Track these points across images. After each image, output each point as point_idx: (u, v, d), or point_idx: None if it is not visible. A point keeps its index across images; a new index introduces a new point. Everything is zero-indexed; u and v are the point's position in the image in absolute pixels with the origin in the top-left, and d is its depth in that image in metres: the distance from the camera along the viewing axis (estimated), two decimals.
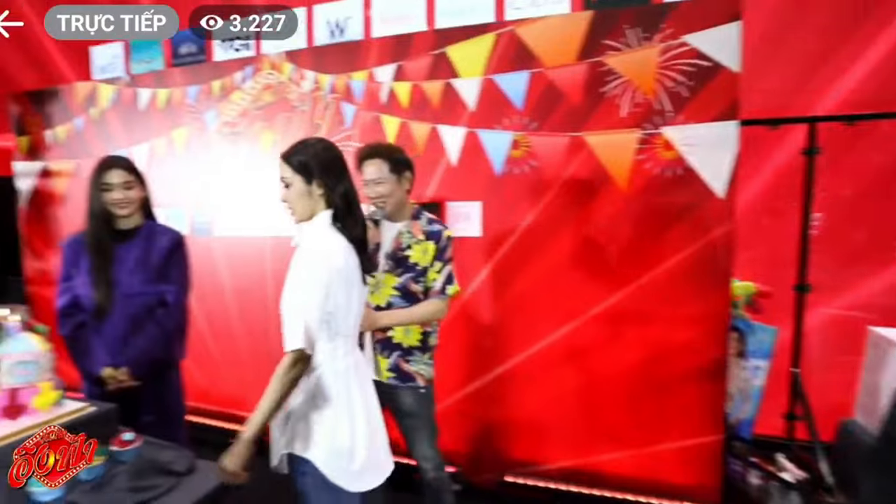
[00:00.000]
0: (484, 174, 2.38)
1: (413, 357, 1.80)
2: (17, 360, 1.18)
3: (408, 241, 1.77)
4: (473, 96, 2.36)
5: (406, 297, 1.77)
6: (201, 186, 3.04)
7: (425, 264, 1.75)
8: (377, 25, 3.40)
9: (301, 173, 1.33)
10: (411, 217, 1.81)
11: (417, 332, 1.80)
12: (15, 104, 3.66)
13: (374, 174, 1.72)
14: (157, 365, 1.81)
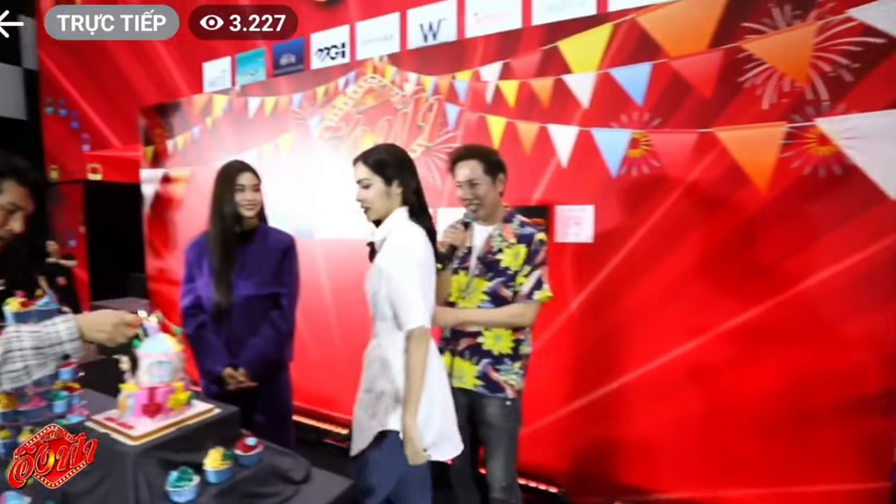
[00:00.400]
0: (597, 176, 2.21)
1: (503, 365, 1.71)
2: (156, 360, 1.20)
3: (499, 245, 1.71)
4: (587, 92, 2.20)
5: (496, 302, 1.70)
6: (304, 190, 3.12)
7: (517, 268, 1.68)
8: (472, 26, 3.36)
9: (380, 174, 1.44)
10: (503, 220, 1.74)
11: (509, 338, 1.71)
12: (143, 117, 4.00)
13: (469, 175, 1.68)
14: (271, 366, 1.83)
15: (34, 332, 1.02)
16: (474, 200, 1.69)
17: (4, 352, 0.98)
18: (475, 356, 1.72)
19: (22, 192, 1.16)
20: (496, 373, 1.71)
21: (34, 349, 1.00)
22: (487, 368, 1.71)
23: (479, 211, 1.69)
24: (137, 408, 1.19)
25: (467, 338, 1.73)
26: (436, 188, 2.59)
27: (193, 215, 3.74)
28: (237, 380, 1.77)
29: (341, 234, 2.98)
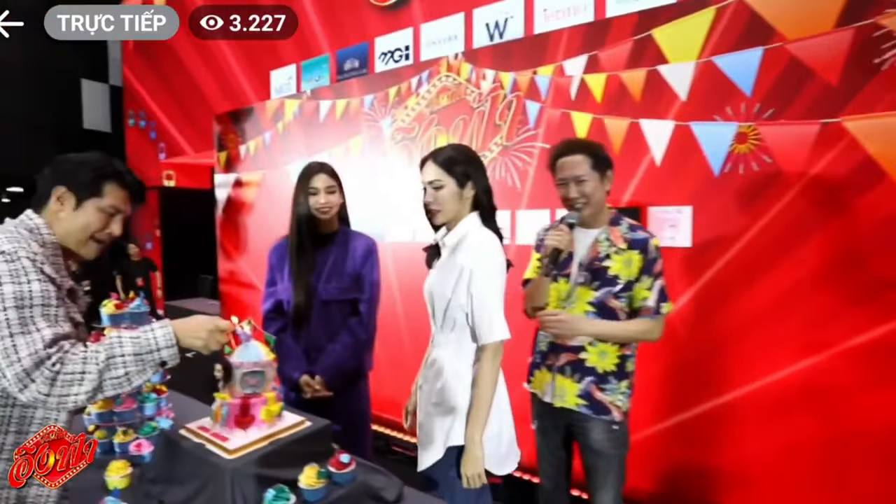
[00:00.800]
0: (697, 174, 2.02)
1: (609, 384, 1.54)
2: (249, 370, 1.15)
3: (606, 251, 1.52)
4: (686, 84, 2.01)
5: (603, 314, 1.52)
6: (375, 192, 3.08)
7: (628, 278, 1.50)
8: (540, 23, 3.23)
9: (453, 174, 1.38)
10: (609, 223, 1.56)
11: (615, 354, 1.54)
12: (217, 123, 4.12)
13: (576, 171, 1.50)
14: (348, 375, 1.76)
15: (134, 337, 1.00)
16: (580, 199, 1.51)
17: (107, 357, 0.96)
18: (577, 373, 1.56)
19: (122, 196, 1.16)
20: (601, 392, 1.54)
21: (134, 355, 0.98)
22: (591, 387, 1.54)
23: (585, 211, 1.52)
24: (231, 419, 1.14)
25: (568, 353, 1.57)
26: (514, 189, 2.47)
27: (264, 218, 3.81)
28: (313, 388, 1.72)
29: (412, 236, 2.91)
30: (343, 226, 1.88)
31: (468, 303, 1.35)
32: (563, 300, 1.56)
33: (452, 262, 1.40)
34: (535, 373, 1.66)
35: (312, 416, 1.28)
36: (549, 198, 2.39)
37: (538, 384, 1.64)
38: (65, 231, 1.10)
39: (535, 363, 1.67)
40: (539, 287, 1.56)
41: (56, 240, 1.09)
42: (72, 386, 0.93)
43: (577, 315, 1.53)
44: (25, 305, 0.94)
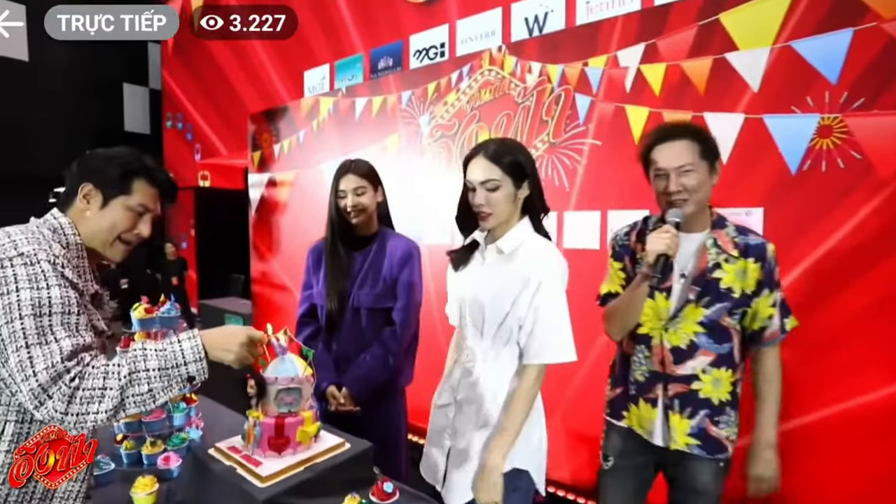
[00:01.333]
0: (769, 172, 1.82)
1: (723, 417, 1.31)
2: (284, 386, 1.04)
3: (716, 259, 1.28)
4: (758, 72, 1.82)
5: (715, 335, 1.29)
6: (412, 192, 2.96)
7: (744, 291, 1.27)
8: (582, 16, 3.05)
9: (512, 175, 1.23)
10: (712, 225, 1.32)
11: (729, 380, 1.31)
12: (252, 123, 4.09)
13: (681, 159, 1.24)
14: (378, 389, 1.64)
15: (159, 350, 0.91)
16: (682, 194, 1.25)
17: (130, 372, 0.87)
18: (688, 407, 1.31)
19: (152, 194, 1.09)
20: (715, 427, 1.31)
21: (159, 370, 0.89)
22: (705, 423, 1.31)
23: (688, 209, 1.26)
24: (264, 440, 1.03)
25: (678, 383, 1.32)
26: (562, 190, 2.31)
27: (297, 219, 3.74)
28: (338, 401, 1.61)
29: (450, 239, 2.78)
30: (384, 227, 1.76)
31: (528, 316, 1.21)
32: (664, 320, 1.32)
33: (509, 271, 1.25)
34: (631, 407, 1.40)
35: (352, 438, 1.16)
36: (600, 198, 2.23)
37: (638, 421, 1.39)
38: (90, 231, 1.03)
39: (630, 395, 1.40)
40: (634, 303, 1.31)
41: (81, 241, 1.02)
42: (91, 403, 0.84)
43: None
44: (44, 314, 0.86)
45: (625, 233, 1.45)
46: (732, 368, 1.31)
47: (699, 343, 1.30)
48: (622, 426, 1.42)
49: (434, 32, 4.26)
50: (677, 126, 1.33)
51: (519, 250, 1.26)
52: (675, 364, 1.32)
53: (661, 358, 1.33)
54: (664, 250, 1.19)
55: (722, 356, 1.30)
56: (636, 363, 1.39)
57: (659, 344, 1.33)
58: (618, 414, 1.44)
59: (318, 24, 5.20)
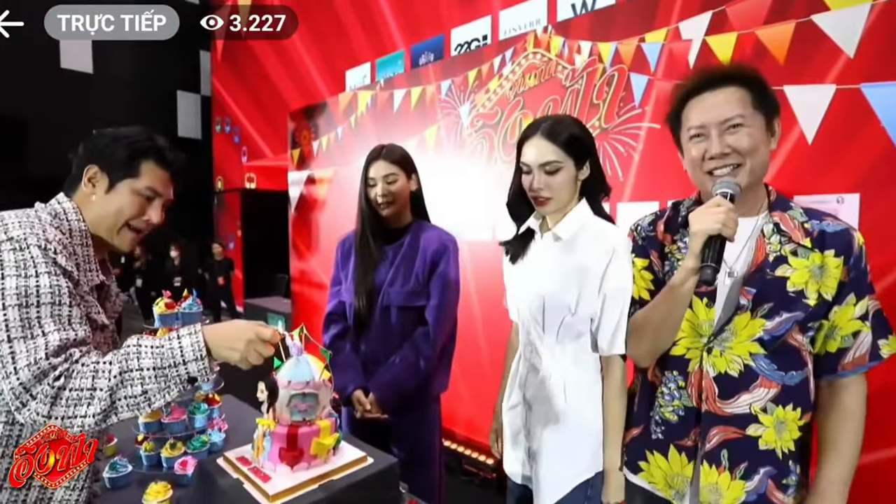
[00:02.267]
0: (868, 151, 1.55)
1: (790, 475, 0.94)
2: (298, 391, 0.90)
3: (778, 250, 0.94)
4: (855, 35, 1.55)
5: (781, 359, 0.93)
6: (452, 186, 2.81)
7: (823, 295, 0.92)
8: None
9: (573, 155, 1.11)
10: (771, 207, 0.98)
11: (796, 424, 0.94)
12: (291, 121, 4.07)
13: (727, 111, 0.92)
14: (407, 396, 1.49)
15: (155, 347, 0.82)
16: (730, 157, 0.92)
17: (121, 371, 0.78)
18: (742, 462, 0.95)
19: (162, 177, 0.99)
20: (781, 492, 0.94)
21: (154, 369, 0.79)
22: (767, 485, 0.94)
23: (740, 177, 0.93)
24: (274, 451, 0.90)
25: (723, 426, 0.95)
26: (615, 179, 2.10)
27: (335, 216, 3.67)
28: (364, 407, 1.47)
29: (491, 235, 2.61)
30: (418, 218, 1.62)
31: (598, 305, 1.09)
32: (704, 336, 0.98)
33: (570, 260, 1.12)
34: (654, 457, 1.05)
35: (376, 451, 1.01)
36: (659, 188, 2.00)
37: (662, 476, 1.03)
38: (96, 217, 0.95)
39: (653, 441, 1.05)
40: (673, 311, 0.96)
41: (85, 227, 0.94)
42: (78, 406, 0.76)
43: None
44: (31, 304, 0.78)
45: (649, 222, 1.13)
46: (804, 407, 0.94)
47: (757, 369, 0.93)
48: (637, 484, 1.08)
49: (476, 25, 4.13)
50: (719, 70, 0.98)
51: (579, 236, 1.14)
52: (721, 399, 0.95)
53: (701, 390, 0.97)
54: (717, 229, 0.86)
55: (789, 389, 0.93)
56: (664, 396, 1.03)
57: (698, 370, 0.98)
58: (633, 465, 1.09)
59: (360, 22, 5.18)
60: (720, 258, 0.87)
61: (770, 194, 1.00)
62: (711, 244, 0.87)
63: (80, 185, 0.95)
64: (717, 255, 0.87)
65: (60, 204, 0.94)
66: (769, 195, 1.00)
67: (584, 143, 1.13)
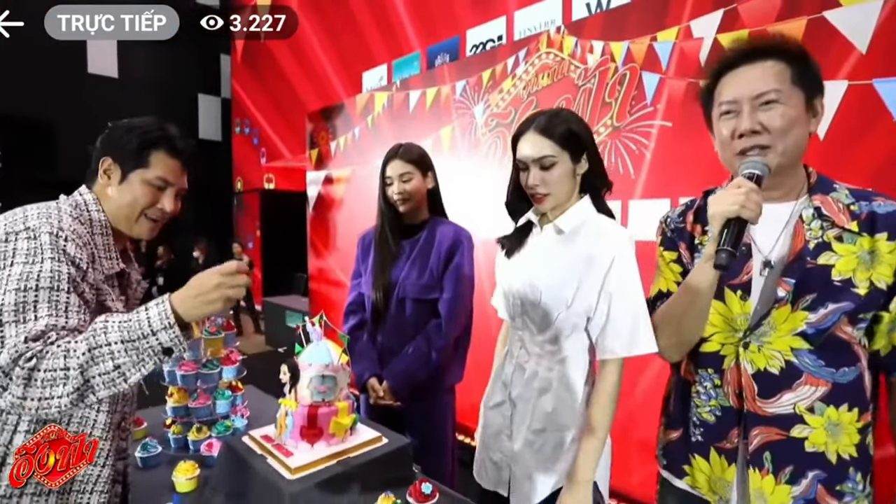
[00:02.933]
0: (880, 146, 1.56)
1: (847, 482, 0.87)
2: (317, 373, 0.96)
3: (820, 237, 0.87)
4: (867, 31, 1.56)
5: (828, 354, 0.87)
6: (467, 185, 2.86)
7: (875, 284, 0.84)
8: None
9: (569, 149, 1.07)
10: (810, 190, 0.91)
11: (854, 426, 0.87)
12: (309, 121, 4.16)
13: (761, 86, 0.86)
14: (420, 385, 1.54)
15: (123, 322, 0.78)
16: (759, 137, 0.86)
17: (90, 348, 0.75)
18: (788, 465, 0.89)
19: (173, 166, 1.00)
20: (835, 499, 0.87)
21: (122, 342, 0.76)
22: (817, 490, 0.87)
23: (772, 158, 0.86)
24: (295, 429, 0.95)
25: (765, 426, 0.90)
26: (627, 177, 2.12)
27: (352, 214, 3.75)
28: (378, 394, 1.54)
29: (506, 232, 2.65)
30: (434, 214, 1.67)
31: (600, 304, 1.05)
32: (740, 331, 0.92)
33: (571, 253, 1.09)
34: (696, 460, 0.99)
35: (391, 433, 1.07)
36: (670, 185, 2.02)
37: (703, 480, 0.98)
38: (113, 207, 0.98)
39: (694, 444, 0.99)
40: (695, 302, 0.92)
41: (105, 218, 0.98)
42: (54, 387, 0.74)
43: None
44: (28, 288, 0.79)
45: (679, 213, 1.07)
46: (860, 407, 0.86)
47: (801, 366, 0.87)
48: (681, 488, 1.03)
49: (491, 25, 4.17)
50: (758, 41, 0.90)
51: (580, 230, 1.09)
52: (761, 398, 0.89)
53: (739, 388, 0.92)
54: (735, 211, 0.81)
55: (840, 387, 0.86)
56: (700, 396, 0.98)
57: (734, 367, 0.93)
58: (677, 468, 1.03)
59: (376, 24, 5.26)
60: (738, 242, 0.82)
61: (811, 176, 0.93)
62: (730, 227, 0.82)
63: (97, 177, 0.99)
64: (735, 240, 0.81)
65: (82, 196, 0.98)
66: (809, 178, 0.93)
67: (579, 137, 1.08)
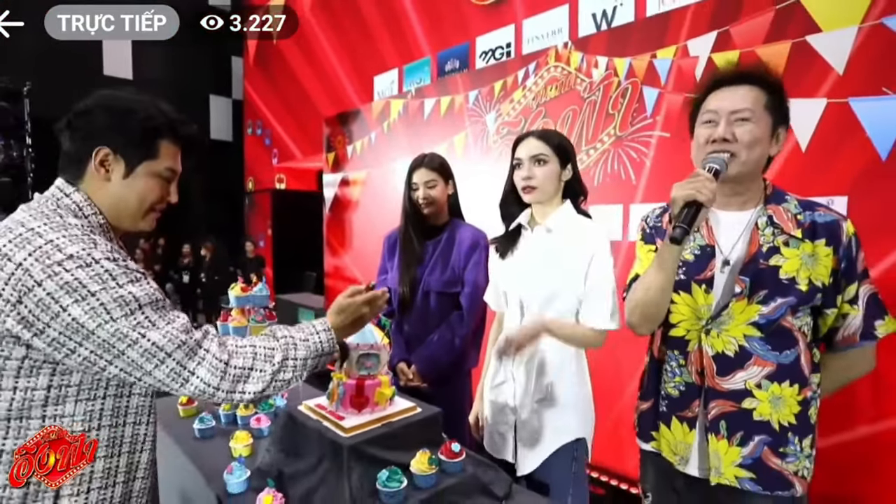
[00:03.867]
0: (855, 159, 1.73)
1: (789, 446, 1.05)
2: (364, 352, 1.15)
3: (771, 241, 1.04)
4: (843, 54, 1.73)
5: (776, 340, 1.04)
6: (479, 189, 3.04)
7: (814, 282, 1.02)
8: (653, 9, 2.99)
9: (559, 154, 1.34)
10: (766, 200, 1.08)
11: (794, 398, 1.04)
12: (327, 126, 4.35)
13: (740, 104, 1.03)
14: (444, 369, 1.73)
15: (303, 340, 0.91)
16: (729, 144, 1.03)
17: (283, 358, 0.87)
18: (738, 431, 1.06)
19: (175, 153, 0.94)
20: (778, 458, 1.04)
21: (305, 360, 0.90)
22: (763, 451, 1.05)
23: (733, 167, 1.03)
24: (346, 399, 1.14)
25: (723, 399, 1.07)
26: (628, 183, 2.30)
27: (368, 215, 3.94)
28: (406, 377, 1.72)
29: None
30: (454, 217, 1.87)
31: (587, 291, 1.30)
32: (703, 319, 1.09)
33: (559, 248, 1.33)
34: (662, 427, 1.18)
35: (422, 403, 1.25)
36: (668, 191, 2.17)
37: (667, 444, 1.17)
38: (114, 205, 0.88)
39: (660, 412, 1.18)
40: (657, 279, 1.07)
41: (104, 220, 0.87)
42: (246, 383, 0.83)
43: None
44: (134, 309, 0.78)
45: (657, 214, 1.25)
46: (799, 383, 1.04)
47: (752, 349, 1.05)
48: (651, 450, 1.22)
49: (500, 33, 4.33)
50: (746, 68, 1.10)
51: (565, 230, 1.34)
52: (719, 376, 1.07)
53: (701, 367, 1.09)
54: (692, 195, 0.96)
55: (783, 367, 1.04)
56: (668, 373, 1.16)
57: (697, 349, 1.10)
58: (646, 434, 1.22)
59: (387, 29, 5.43)
60: (692, 222, 0.97)
61: (767, 188, 1.10)
62: (688, 209, 0.97)
63: (86, 169, 0.86)
64: (690, 219, 0.97)
65: (69, 196, 0.85)
66: (766, 189, 1.10)
67: (567, 149, 1.37)
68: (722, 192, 1.06)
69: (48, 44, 4.28)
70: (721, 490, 1.08)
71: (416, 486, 1.07)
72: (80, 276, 0.74)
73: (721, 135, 1.03)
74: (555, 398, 1.32)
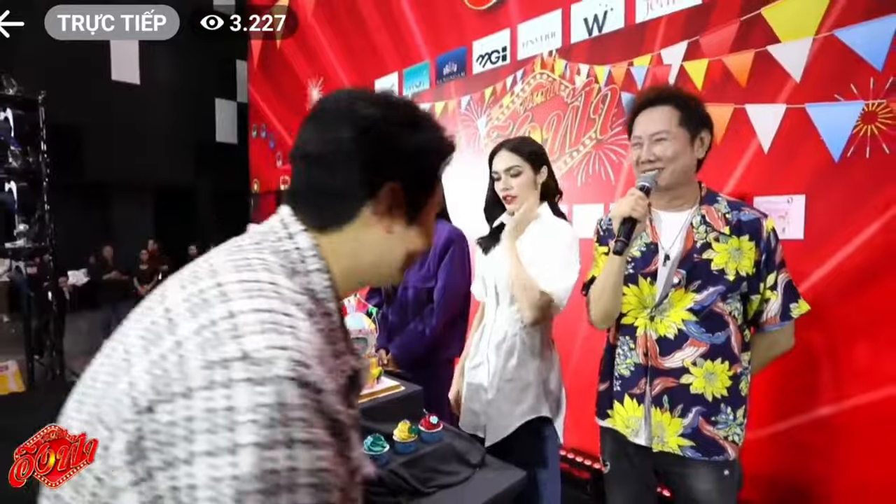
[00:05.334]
0: (812, 160, 1.86)
1: (721, 415, 1.19)
2: (354, 336, 1.29)
3: (704, 238, 1.19)
4: (800, 63, 1.87)
5: (708, 323, 1.18)
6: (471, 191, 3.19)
7: (739, 272, 1.17)
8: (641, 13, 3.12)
9: (531, 162, 1.44)
10: (700, 201, 1.23)
11: (725, 374, 1.19)
12: None
13: (656, 126, 1.18)
14: (417, 359, 1.84)
15: None
16: (654, 164, 1.18)
17: None
18: (679, 404, 1.20)
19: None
20: (711, 426, 1.19)
21: None
22: (699, 421, 1.19)
23: (662, 179, 1.19)
24: None
25: (665, 377, 1.21)
26: (608, 183, 2.45)
27: None
28: (383, 362, 1.82)
29: None
30: (439, 218, 2.00)
31: (539, 264, 1.42)
32: (648, 307, 1.24)
33: (533, 247, 1.46)
34: (616, 405, 1.31)
35: (406, 382, 1.40)
36: None
37: (621, 420, 1.30)
38: (375, 260, 0.61)
39: (614, 391, 1.31)
40: (608, 282, 1.22)
41: (329, 285, 0.58)
42: None
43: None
44: (276, 493, 0.40)
45: (608, 219, 1.37)
46: (730, 360, 1.19)
47: (688, 332, 1.19)
48: (607, 426, 1.36)
49: (496, 37, 4.46)
50: (659, 92, 1.23)
51: (535, 226, 1.48)
52: (661, 356, 1.21)
53: (647, 349, 1.23)
54: (628, 213, 1.13)
55: (715, 347, 1.18)
56: (621, 356, 1.30)
57: (643, 334, 1.24)
58: (603, 413, 1.37)
59: (388, 34, 5.58)
60: (630, 235, 1.15)
61: (702, 190, 1.25)
62: (624, 223, 1.14)
63: (358, 214, 0.58)
64: (628, 233, 1.14)
65: (300, 248, 0.57)
66: (701, 191, 1.25)
67: (538, 155, 1.47)
68: (662, 197, 1.25)
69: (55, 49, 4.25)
70: (667, 457, 1.23)
71: (397, 452, 1.21)
72: (240, 400, 0.42)
73: (645, 157, 1.20)
74: (520, 379, 1.45)
